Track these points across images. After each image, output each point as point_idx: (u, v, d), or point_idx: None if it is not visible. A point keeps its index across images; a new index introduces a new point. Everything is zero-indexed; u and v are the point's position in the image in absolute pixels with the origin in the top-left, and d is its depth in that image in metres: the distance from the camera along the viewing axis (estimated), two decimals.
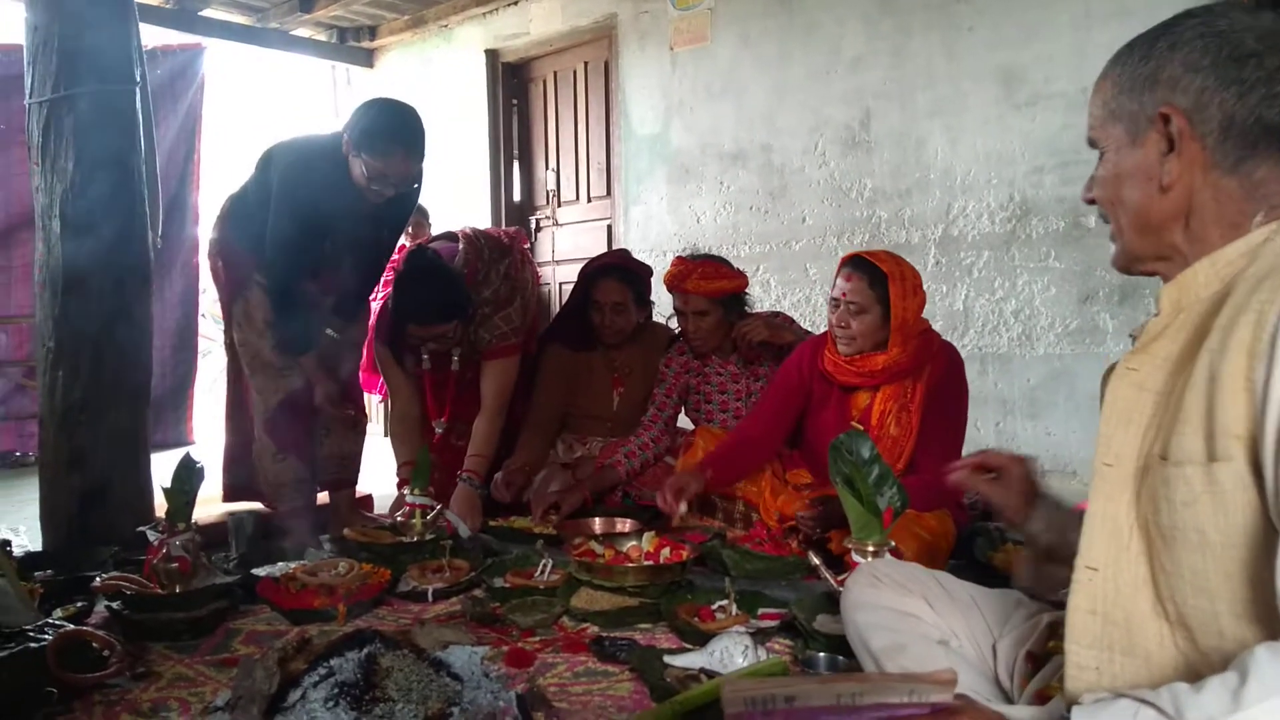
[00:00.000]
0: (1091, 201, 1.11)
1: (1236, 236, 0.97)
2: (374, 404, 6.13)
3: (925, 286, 4.04)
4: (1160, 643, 0.96)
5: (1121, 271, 1.12)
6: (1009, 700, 1.33)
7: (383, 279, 3.52)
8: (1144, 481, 0.97)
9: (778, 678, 1.51)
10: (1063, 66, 3.75)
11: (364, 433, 3.31)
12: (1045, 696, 1.18)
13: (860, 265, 2.54)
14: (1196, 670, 0.91)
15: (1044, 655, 1.30)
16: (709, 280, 3.13)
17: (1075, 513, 1.41)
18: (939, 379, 2.55)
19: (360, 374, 4.64)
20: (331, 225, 2.87)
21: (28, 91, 2.88)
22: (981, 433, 3.97)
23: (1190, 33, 0.98)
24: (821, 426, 2.64)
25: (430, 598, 2.33)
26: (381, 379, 3.92)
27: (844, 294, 2.53)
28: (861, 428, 2.57)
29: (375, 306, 5.06)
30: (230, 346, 3.04)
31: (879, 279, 2.49)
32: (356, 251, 3.04)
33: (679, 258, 3.28)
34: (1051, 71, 3.79)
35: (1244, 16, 0.96)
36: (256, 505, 3.02)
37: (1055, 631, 1.30)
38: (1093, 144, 1.09)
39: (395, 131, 2.81)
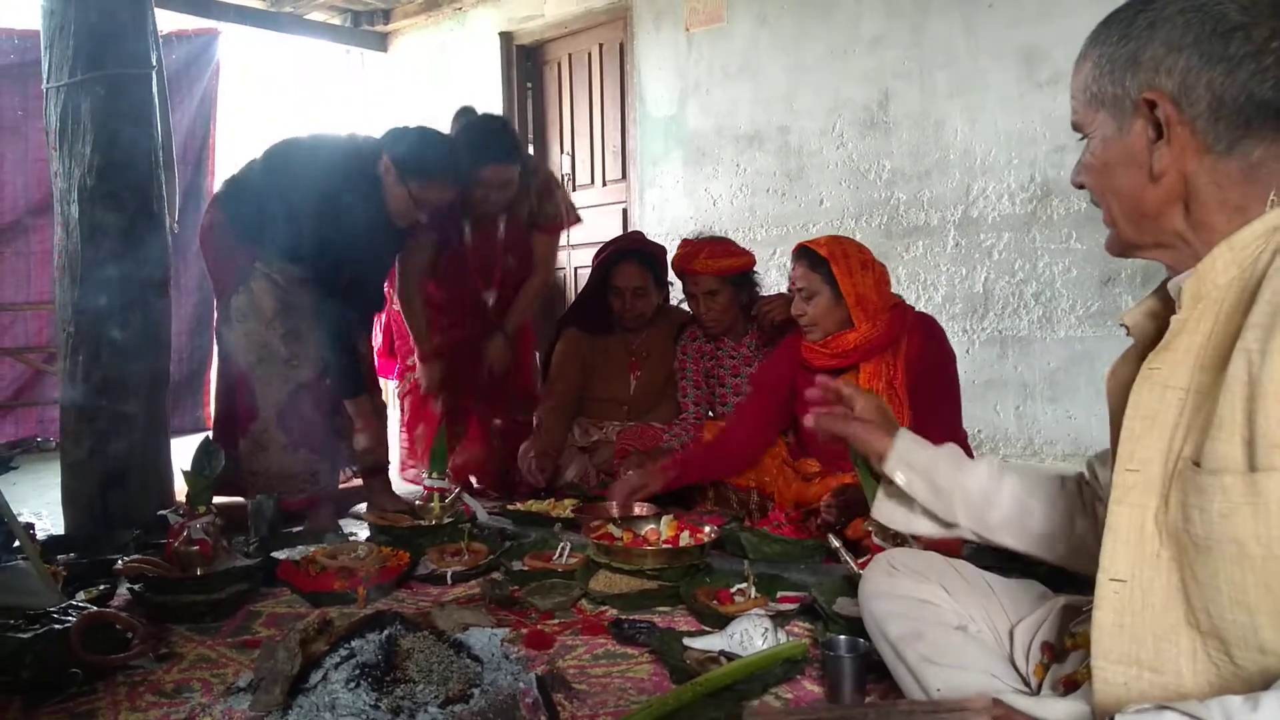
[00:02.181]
0: (1081, 186, 1.07)
1: (1243, 220, 0.92)
2: (390, 389, 6.14)
3: (944, 269, 4.08)
4: (1193, 655, 0.92)
5: (1117, 256, 1.09)
6: (1025, 682, 1.32)
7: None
8: (1172, 486, 0.93)
9: (801, 708, 1.49)
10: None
11: (386, 418, 3.31)
12: (1073, 682, 1.16)
13: (802, 253, 2.61)
14: (1230, 686, 0.88)
15: (1060, 644, 1.28)
16: (715, 259, 3.12)
17: (942, 452, 1.40)
18: (918, 350, 2.57)
19: (376, 359, 4.65)
20: (368, 246, 2.92)
21: (45, 76, 2.89)
22: (1001, 417, 3.95)
23: (1170, 8, 0.93)
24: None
25: (449, 580, 2.33)
26: (399, 365, 3.93)
27: (793, 282, 2.63)
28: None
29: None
30: (220, 337, 2.99)
31: (821, 262, 2.55)
32: (378, 268, 3.14)
33: (685, 239, 3.28)
34: (1073, 49, 3.64)
35: None
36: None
37: (1069, 616, 1.29)
38: (1077, 128, 1.06)
39: (445, 163, 2.90)
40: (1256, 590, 0.86)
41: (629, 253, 3.46)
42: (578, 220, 3.67)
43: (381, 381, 5.60)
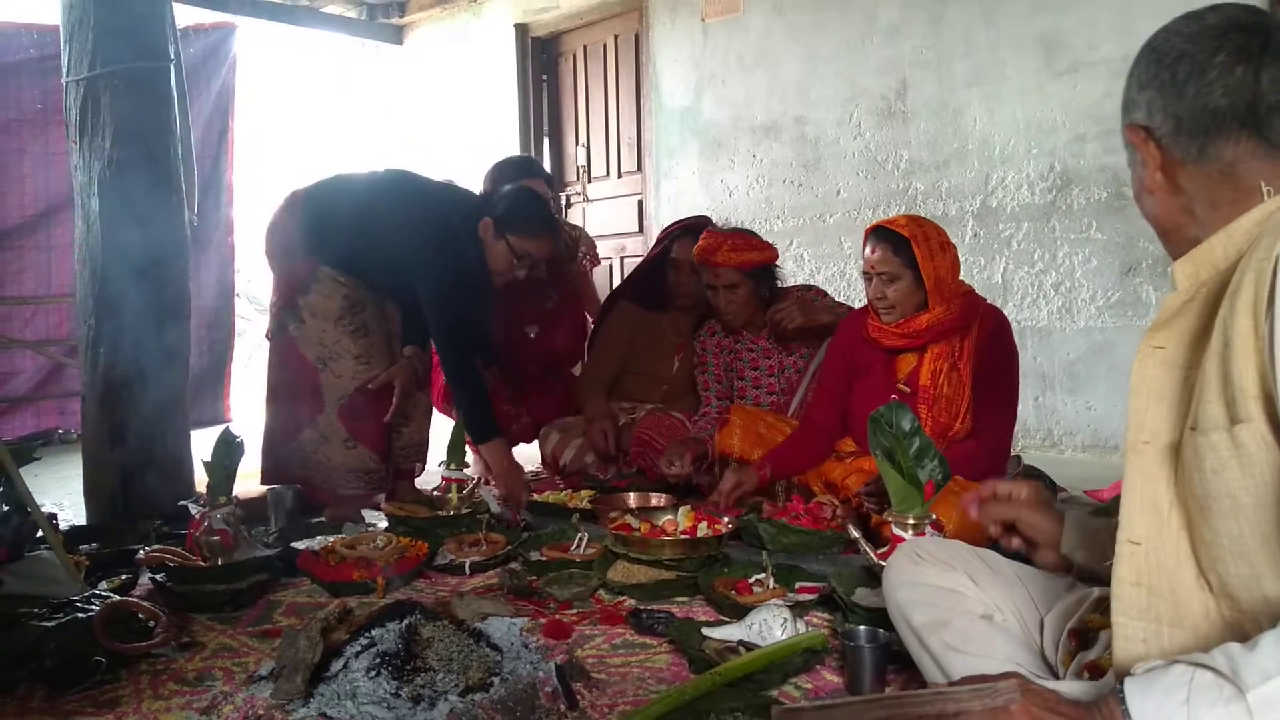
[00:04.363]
0: None
1: (1240, 212, 1.00)
2: None
3: (962, 259, 4.01)
4: (1206, 615, 0.97)
5: None
6: (1055, 675, 1.31)
7: None
8: (1180, 457, 0.98)
9: (830, 701, 1.48)
10: (1106, 32, 3.65)
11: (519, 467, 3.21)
12: (1097, 668, 1.16)
13: (882, 235, 2.55)
14: (1245, 638, 0.90)
15: (1087, 631, 1.28)
16: (739, 252, 3.09)
17: (1106, 523, 1.39)
18: (987, 338, 2.56)
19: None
20: (479, 297, 3.03)
21: (64, 70, 2.91)
22: (1021, 407, 3.89)
23: (1140, 55, 1.09)
24: (867, 391, 2.63)
25: (467, 571, 2.34)
26: None
27: (873, 266, 2.56)
28: (909, 389, 2.56)
29: None
30: (279, 332, 2.99)
31: (903, 244, 2.51)
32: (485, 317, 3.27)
33: (707, 231, 3.23)
34: (1095, 37, 3.69)
35: (1182, 24, 1.05)
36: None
37: (1099, 606, 1.28)
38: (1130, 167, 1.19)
39: (546, 217, 3.03)
40: (1254, 541, 0.91)
41: (693, 229, 3.48)
42: (598, 262, 3.96)
43: None
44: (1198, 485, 0.94)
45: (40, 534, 2.05)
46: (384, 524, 2.76)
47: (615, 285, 4.12)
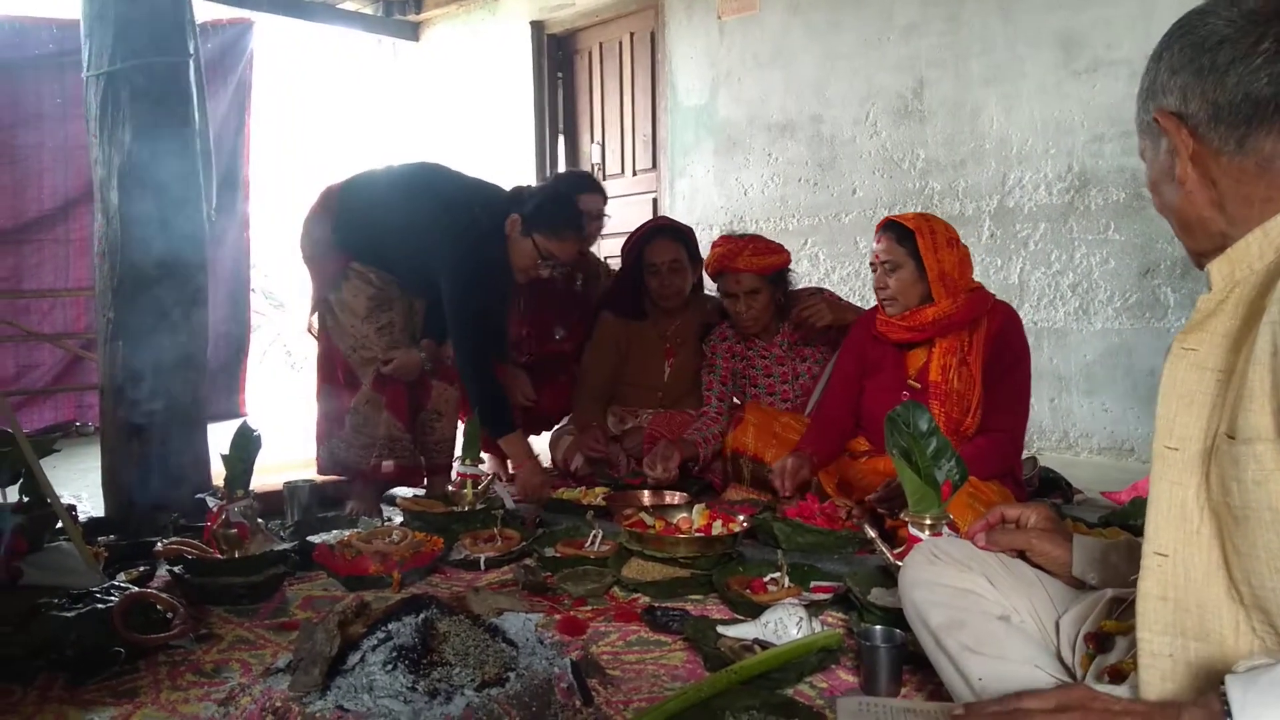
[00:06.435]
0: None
1: (1275, 210, 0.97)
2: None
3: (979, 260, 4.03)
4: (1235, 628, 0.94)
5: (1197, 267, 1.13)
6: (1071, 674, 1.30)
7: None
8: (1212, 463, 0.96)
9: (888, 700, 1.48)
10: (1126, 31, 3.63)
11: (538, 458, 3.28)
12: (1118, 672, 1.15)
13: (889, 226, 2.61)
14: (1274, 655, 0.89)
15: (1104, 635, 1.27)
16: (760, 256, 3.06)
17: (1114, 543, 1.41)
18: (997, 334, 2.56)
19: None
20: (495, 290, 3.06)
21: (85, 64, 2.92)
22: (1036, 410, 3.88)
23: (1172, 38, 1.04)
24: (879, 389, 2.63)
25: (482, 566, 2.35)
26: None
27: (877, 255, 2.61)
28: (919, 385, 2.55)
29: None
30: (320, 327, 3.07)
31: (907, 235, 2.54)
32: (501, 312, 3.29)
33: (723, 237, 3.20)
34: (1114, 36, 3.67)
35: (1223, 8, 1.00)
36: (311, 475, 3.04)
37: (1113, 609, 1.27)
38: (1141, 157, 1.16)
39: (575, 220, 3.03)
40: None
41: (659, 230, 3.48)
42: (610, 273, 3.96)
43: None
44: (1235, 495, 0.92)
45: (60, 525, 2.07)
46: (399, 519, 2.77)
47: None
